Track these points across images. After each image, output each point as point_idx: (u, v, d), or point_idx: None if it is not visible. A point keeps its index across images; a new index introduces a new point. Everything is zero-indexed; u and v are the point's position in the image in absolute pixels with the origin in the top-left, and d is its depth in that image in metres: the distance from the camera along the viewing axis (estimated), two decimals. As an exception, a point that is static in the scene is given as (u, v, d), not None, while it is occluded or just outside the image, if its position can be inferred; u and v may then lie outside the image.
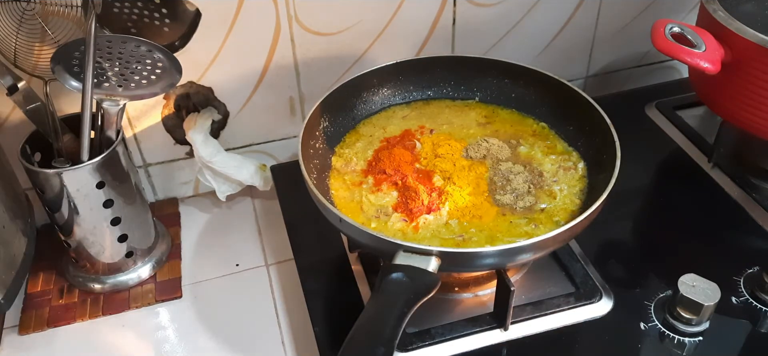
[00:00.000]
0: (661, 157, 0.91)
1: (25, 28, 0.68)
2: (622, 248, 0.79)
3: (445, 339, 0.66)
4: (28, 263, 0.71)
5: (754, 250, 0.76)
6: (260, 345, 0.73)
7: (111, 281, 0.78)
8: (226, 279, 0.81)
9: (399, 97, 0.85)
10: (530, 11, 0.90)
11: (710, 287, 0.64)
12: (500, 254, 0.60)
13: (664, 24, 0.74)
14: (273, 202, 0.88)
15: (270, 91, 0.85)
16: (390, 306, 0.54)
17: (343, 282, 0.73)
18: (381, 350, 0.51)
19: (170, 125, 0.85)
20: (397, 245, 0.58)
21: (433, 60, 0.84)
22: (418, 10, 0.85)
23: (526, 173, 0.73)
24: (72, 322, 0.76)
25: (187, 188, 0.92)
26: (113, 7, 0.68)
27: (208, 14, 0.71)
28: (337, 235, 0.77)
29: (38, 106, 0.71)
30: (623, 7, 0.95)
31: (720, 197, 0.82)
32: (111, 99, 0.71)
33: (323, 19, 0.82)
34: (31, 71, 0.72)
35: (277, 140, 0.91)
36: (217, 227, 0.88)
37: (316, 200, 0.65)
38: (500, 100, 0.84)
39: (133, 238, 0.77)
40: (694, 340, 0.65)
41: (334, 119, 0.80)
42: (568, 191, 0.71)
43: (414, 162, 0.75)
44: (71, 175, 0.68)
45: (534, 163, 0.75)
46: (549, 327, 0.67)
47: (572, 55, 0.98)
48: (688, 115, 0.94)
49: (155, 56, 0.70)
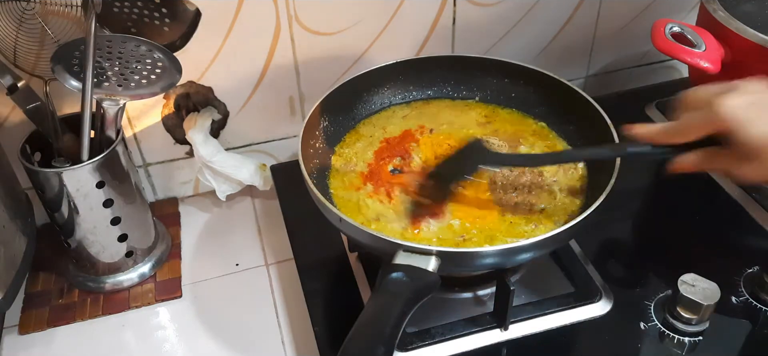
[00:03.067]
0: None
1: (25, 28, 0.68)
2: (622, 248, 0.79)
3: (445, 338, 0.66)
4: (28, 263, 0.71)
5: (754, 250, 0.76)
6: (260, 344, 0.73)
7: (111, 281, 0.78)
8: (226, 278, 0.81)
9: (399, 97, 0.85)
10: (530, 11, 0.90)
11: (710, 287, 0.64)
12: (500, 254, 0.59)
13: (664, 24, 0.74)
14: (273, 202, 0.88)
15: (270, 91, 0.85)
16: (390, 306, 0.54)
17: (343, 282, 0.73)
18: (381, 350, 0.51)
19: (170, 124, 0.85)
20: (397, 244, 0.58)
21: (433, 60, 0.84)
22: (418, 10, 0.85)
23: (527, 173, 0.73)
24: (72, 322, 0.76)
25: (187, 188, 0.92)
26: (113, 6, 0.68)
27: (208, 14, 0.71)
28: (337, 235, 0.77)
29: (38, 105, 0.71)
30: (623, 7, 0.95)
31: (720, 197, 0.82)
32: (111, 99, 0.71)
33: (323, 19, 0.82)
34: (31, 71, 0.72)
35: (277, 139, 0.91)
36: (217, 227, 0.88)
37: (316, 200, 0.65)
38: (500, 100, 0.84)
39: (133, 238, 0.77)
40: (694, 340, 0.65)
41: (334, 119, 0.80)
42: (568, 192, 0.71)
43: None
44: (71, 175, 0.68)
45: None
46: (549, 327, 0.67)
47: (572, 55, 0.98)
48: (688, 115, 0.94)
49: (155, 56, 0.70)
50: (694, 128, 0.54)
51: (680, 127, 0.55)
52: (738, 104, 0.51)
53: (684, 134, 0.55)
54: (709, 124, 0.53)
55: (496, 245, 0.64)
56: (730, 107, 0.51)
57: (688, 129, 0.55)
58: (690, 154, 0.56)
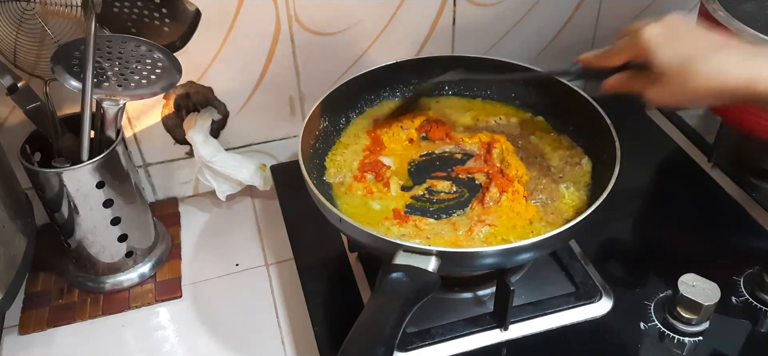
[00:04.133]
0: (661, 157, 0.91)
1: (25, 28, 0.68)
2: (622, 247, 0.79)
3: (445, 338, 0.66)
4: (28, 263, 0.71)
5: (754, 250, 0.76)
6: (260, 345, 0.73)
7: (111, 281, 0.78)
8: (226, 278, 0.81)
9: (399, 96, 0.85)
10: (530, 11, 0.90)
11: (710, 287, 0.64)
12: (500, 254, 0.60)
13: (664, 24, 0.74)
14: (273, 202, 0.88)
15: (270, 91, 0.85)
16: (390, 306, 0.54)
17: (343, 282, 0.74)
18: (381, 350, 0.51)
19: (170, 124, 0.85)
20: (397, 245, 0.58)
21: (433, 60, 0.84)
22: (418, 10, 0.85)
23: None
24: (72, 322, 0.76)
25: (187, 188, 0.92)
26: (113, 6, 0.68)
27: (208, 14, 0.71)
28: (337, 235, 0.77)
29: (38, 106, 0.71)
30: (623, 7, 0.95)
31: (720, 197, 0.82)
32: (111, 99, 0.71)
33: (323, 19, 0.82)
34: (31, 71, 0.72)
35: (277, 139, 0.91)
36: (217, 227, 0.88)
37: (316, 200, 0.65)
38: (500, 100, 0.84)
39: (133, 238, 0.77)
40: (694, 340, 0.65)
41: (334, 119, 0.80)
42: (575, 188, 0.71)
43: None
44: (71, 175, 0.68)
45: (545, 157, 0.76)
46: (549, 327, 0.67)
47: (572, 55, 0.97)
48: (688, 115, 0.94)
49: (155, 56, 0.70)
50: (621, 51, 0.62)
51: (611, 50, 0.63)
52: (654, 32, 0.58)
53: (614, 57, 0.63)
54: (632, 48, 0.60)
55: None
56: (647, 33, 0.58)
57: (617, 53, 0.62)
58: (615, 75, 0.63)
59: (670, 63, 0.56)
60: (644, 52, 0.58)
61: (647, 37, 0.58)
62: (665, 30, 0.58)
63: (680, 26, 0.58)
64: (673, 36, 0.57)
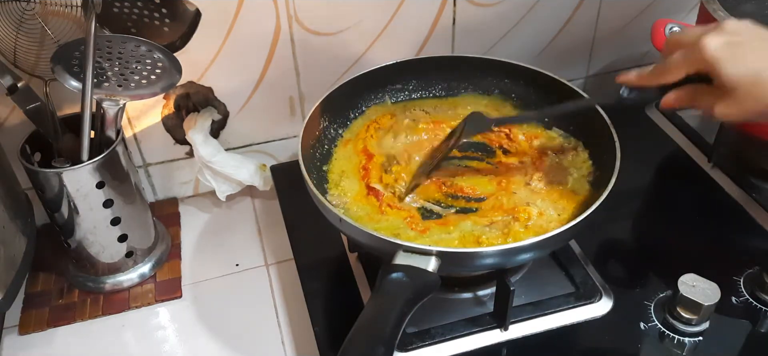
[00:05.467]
0: (661, 157, 0.91)
1: (25, 28, 0.68)
2: (622, 248, 0.79)
3: (445, 339, 0.66)
4: (28, 263, 0.71)
5: (754, 250, 0.76)
6: (260, 345, 0.73)
7: (111, 281, 0.78)
8: (226, 278, 0.81)
9: (398, 96, 0.85)
10: (530, 11, 0.90)
11: (710, 287, 0.64)
12: (500, 255, 0.60)
13: (664, 24, 0.74)
14: (273, 202, 0.88)
15: (270, 91, 0.85)
16: (390, 306, 0.54)
17: (343, 282, 0.74)
18: (381, 350, 0.51)
19: (170, 124, 0.85)
20: (397, 245, 0.58)
21: (433, 60, 0.84)
22: (418, 10, 0.85)
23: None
24: (72, 322, 0.76)
25: (187, 188, 0.92)
26: (113, 7, 0.68)
27: (208, 14, 0.71)
28: (337, 235, 0.77)
29: (38, 106, 0.71)
30: (623, 7, 0.95)
31: (720, 197, 0.82)
32: (111, 99, 0.71)
33: (323, 19, 0.82)
34: (31, 71, 0.72)
35: (277, 140, 0.91)
36: (217, 227, 0.88)
37: (316, 200, 0.65)
38: (501, 99, 0.84)
39: (133, 238, 0.77)
40: (694, 340, 0.65)
41: (334, 119, 0.80)
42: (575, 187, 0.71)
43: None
44: (71, 175, 0.68)
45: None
46: (549, 327, 0.67)
47: (572, 55, 0.98)
48: (688, 115, 0.94)
49: (155, 56, 0.70)
50: (678, 67, 0.57)
51: (666, 67, 0.58)
52: (717, 43, 0.53)
53: (669, 74, 0.57)
54: (692, 63, 0.55)
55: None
56: (710, 46, 0.53)
57: (672, 69, 0.57)
58: (675, 91, 0.58)
59: (741, 78, 0.52)
60: (707, 67, 0.54)
61: (709, 50, 0.53)
62: (728, 40, 0.53)
63: (743, 34, 0.54)
64: (738, 46, 0.53)
